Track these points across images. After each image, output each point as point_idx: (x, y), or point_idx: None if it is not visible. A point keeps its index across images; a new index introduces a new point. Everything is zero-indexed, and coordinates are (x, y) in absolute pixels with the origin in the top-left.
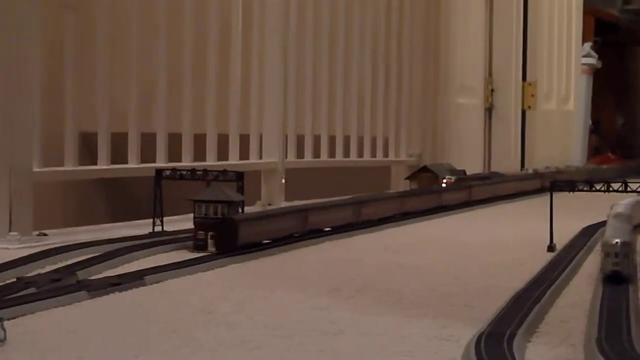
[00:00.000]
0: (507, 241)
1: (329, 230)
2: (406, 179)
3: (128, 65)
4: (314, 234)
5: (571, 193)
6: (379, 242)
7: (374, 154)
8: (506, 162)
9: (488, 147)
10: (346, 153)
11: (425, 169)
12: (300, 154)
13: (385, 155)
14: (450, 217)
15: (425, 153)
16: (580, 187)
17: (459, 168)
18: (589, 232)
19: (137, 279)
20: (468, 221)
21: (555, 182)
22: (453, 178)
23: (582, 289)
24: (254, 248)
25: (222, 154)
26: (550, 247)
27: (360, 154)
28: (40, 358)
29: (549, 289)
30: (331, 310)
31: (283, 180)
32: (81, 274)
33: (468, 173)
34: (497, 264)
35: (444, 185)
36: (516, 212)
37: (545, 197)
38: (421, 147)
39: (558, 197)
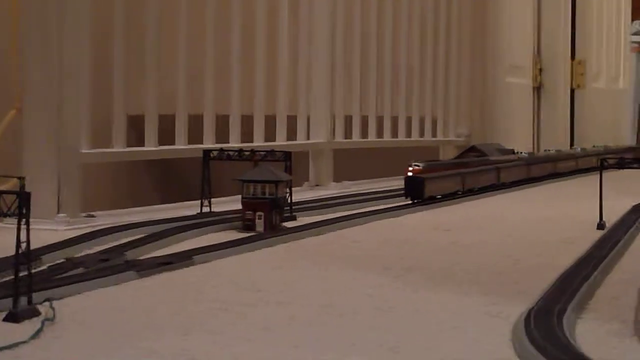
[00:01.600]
0: (556, 219)
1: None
2: (455, 159)
3: (176, 47)
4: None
5: (621, 171)
6: (426, 220)
7: (422, 134)
8: (555, 141)
9: (537, 127)
10: (394, 133)
11: (473, 149)
12: (348, 134)
13: (434, 135)
14: (496, 197)
15: (473, 133)
16: (630, 165)
17: (507, 147)
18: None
19: (185, 258)
20: (516, 200)
21: (605, 160)
22: (421, 165)
23: (632, 266)
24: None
25: (270, 135)
26: (600, 225)
27: (408, 134)
28: (89, 336)
29: (599, 266)
30: (383, 288)
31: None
32: (130, 254)
33: (517, 152)
34: (547, 242)
35: (409, 173)
36: (566, 190)
37: (594, 176)
38: (470, 127)
39: (608, 176)
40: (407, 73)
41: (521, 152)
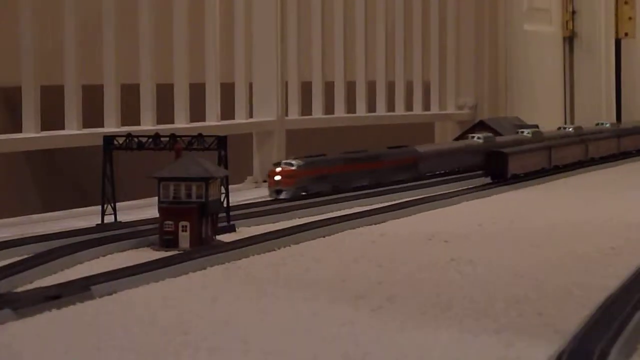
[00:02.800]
0: (593, 222)
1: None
2: (456, 139)
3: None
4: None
5: None
6: (419, 228)
7: (409, 107)
8: (596, 113)
9: (570, 93)
10: (371, 107)
11: (482, 125)
12: (305, 109)
13: (426, 107)
14: (512, 192)
15: (481, 103)
16: None
17: (529, 123)
18: None
19: (81, 289)
20: (538, 196)
21: None
22: (295, 164)
23: None
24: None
25: (197, 113)
26: None
27: (391, 107)
28: None
29: None
30: (355, 326)
31: None
32: (3, 285)
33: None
34: (580, 254)
35: (277, 177)
36: (606, 181)
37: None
38: (476, 96)
39: None
40: (387, 23)
41: (566, 127)
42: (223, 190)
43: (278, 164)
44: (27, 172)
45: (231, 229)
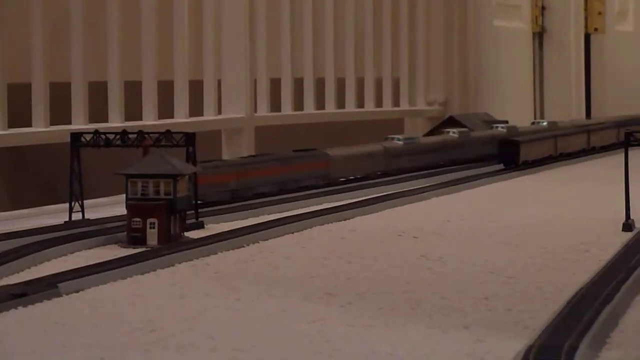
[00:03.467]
0: (565, 217)
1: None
2: (426, 135)
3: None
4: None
5: None
6: (389, 224)
7: (379, 103)
8: (565, 109)
9: (540, 89)
10: (340, 103)
11: (452, 121)
12: (275, 105)
13: (396, 104)
14: (482, 188)
15: (451, 99)
16: None
17: (499, 118)
18: None
19: (48, 287)
20: (507, 191)
21: (631, 133)
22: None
23: None
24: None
25: (165, 110)
26: (627, 225)
27: (361, 104)
28: None
29: (625, 283)
30: (325, 323)
31: None
32: None
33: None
34: (552, 250)
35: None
36: (578, 175)
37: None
38: (445, 92)
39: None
40: (356, 19)
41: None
42: (191, 187)
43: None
44: None
45: (200, 225)
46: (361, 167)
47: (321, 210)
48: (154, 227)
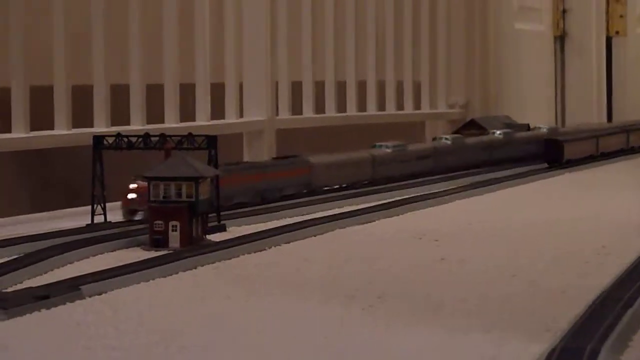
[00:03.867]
0: (586, 221)
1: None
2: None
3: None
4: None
5: None
6: (409, 227)
7: (400, 106)
8: (587, 112)
9: (561, 92)
10: (361, 106)
11: (472, 124)
12: (296, 108)
13: (417, 106)
14: (500, 192)
15: (473, 102)
16: None
17: (520, 122)
18: None
19: (71, 289)
20: (526, 195)
21: None
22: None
23: None
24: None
25: (187, 113)
26: None
27: (382, 107)
28: None
29: None
30: (345, 325)
31: None
32: None
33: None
34: (573, 254)
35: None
36: (597, 180)
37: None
38: (467, 95)
39: None
40: (377, 22)
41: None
42: (213, 190)
43: (134, 180)
44: (17, 173)
45: (222, 228)
46: (346, 175)
47: (342, 213)
48: (176, 230)
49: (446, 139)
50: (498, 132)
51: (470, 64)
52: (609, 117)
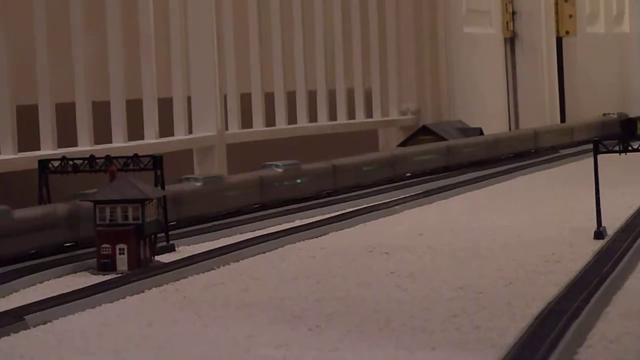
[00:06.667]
0: (534, 227)
1: None
2: (400, 145)
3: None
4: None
5: (624, 156)
6: (360, 240)
7: (351, 115)
8: (540, 113)
9: (513, 94)
10: (312, 116)
11: (425, 130)
12: (246, 121)
13: (369, 115)
14: (452, 199)
15: (424, 108)
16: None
17: (473, 126)
18: None
19: (14, 319)
20: (474, 202)
21: (599, 141)
22: None
23: None
24: None
25: (135, 130)
26: (598, 233)
27: (333, 116)
28: None
29: (594, 295)
30: (291, 348)
31: None
32: None
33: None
34: (520, 262)
35: None
36: (548, 183)
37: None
38: (418, 101)
39: (607, 161)
40: (325, 30)
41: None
42: (161, 210)
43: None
44: None
45: (171, 248)
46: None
47: (293, 228)
48: (123, 253)
49: None
50: None
51: (420, 70)
52: (562, 117)
